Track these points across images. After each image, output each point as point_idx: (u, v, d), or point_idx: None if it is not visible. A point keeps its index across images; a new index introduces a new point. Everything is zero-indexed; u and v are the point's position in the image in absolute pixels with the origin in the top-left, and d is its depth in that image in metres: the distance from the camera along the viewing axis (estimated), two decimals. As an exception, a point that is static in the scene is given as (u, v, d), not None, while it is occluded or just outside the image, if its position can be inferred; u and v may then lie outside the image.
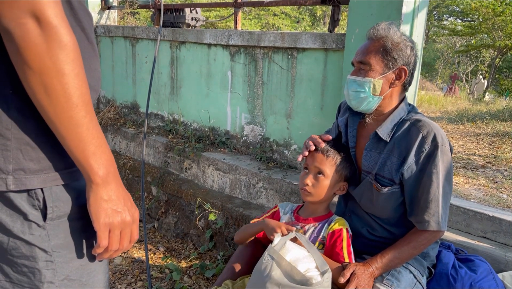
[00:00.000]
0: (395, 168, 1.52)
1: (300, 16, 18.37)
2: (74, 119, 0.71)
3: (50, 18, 0.65)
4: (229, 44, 3.19)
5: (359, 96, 1.54)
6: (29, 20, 0.64)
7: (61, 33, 0.67)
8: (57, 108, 0.69)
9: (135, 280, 2.64)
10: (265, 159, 3.05)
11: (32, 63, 0.65)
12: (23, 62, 0.66)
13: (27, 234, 0.77)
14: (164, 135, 3.75)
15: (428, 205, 1.48)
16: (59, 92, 0.68)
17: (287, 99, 2.91)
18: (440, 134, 1.48)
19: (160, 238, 3.25)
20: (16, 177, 0.74)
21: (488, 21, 14.52)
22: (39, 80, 0.67)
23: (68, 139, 0.72)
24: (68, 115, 0.70)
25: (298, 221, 1.67)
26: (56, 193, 0.79)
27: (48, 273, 0.80)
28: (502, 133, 5.22)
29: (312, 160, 1.61)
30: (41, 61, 0.66)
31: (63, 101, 0.69)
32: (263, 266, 1.39)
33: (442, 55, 23.16)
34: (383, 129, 1.56)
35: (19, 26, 0.63)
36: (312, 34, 2.70)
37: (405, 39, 1.55)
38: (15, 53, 0.66)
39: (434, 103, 9.33)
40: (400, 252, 1.49)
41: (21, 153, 0.74)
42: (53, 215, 0.78)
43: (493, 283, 1.62)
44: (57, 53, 0.67)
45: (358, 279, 1.41)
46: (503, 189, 2.88)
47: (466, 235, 2.03)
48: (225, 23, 13.00)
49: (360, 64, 1.54)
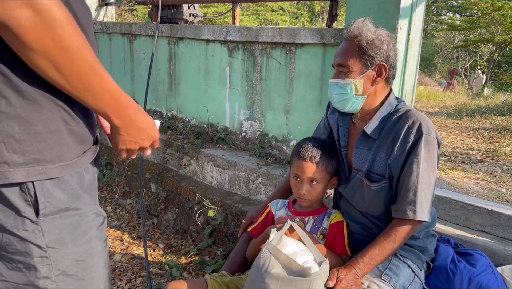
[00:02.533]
0: (384, 162, 1.52)
1: (299, 12, 18.33)
2: (87, 85, 0.77)
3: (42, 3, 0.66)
4: (227, 40, 3.18)
5: (342, 98, 1.54)
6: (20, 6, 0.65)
7: (54, 11, 0.68)
8: (70, 80, 0.74)
9: (134, 277, 2.64)
10: (264, 155, 3.05)
11: (34, 46, 0.68)
12: (25, 47, 0.68)
13: (21, 229, 0.76)
14: (163, 132, 3.74)
15: (406, 193, 1.46)
16: (68, 66, 0.72)
17: (286, 95, 2.91)
18: (426, 124, 1.47)
19: (159, 235, 3.25)
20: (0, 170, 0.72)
21: (487, 16, 14.50)
22: (46, 61, 0.70)
23: (86, 100, 0.79)
24: (82, 82, 0.76)
25: (295, 215, 1.68)
26: (48, 188, 0.78)
27: (44, 268, 0.80)
28: (501, 127, 5.23)
29: (301, 171, 1.59)
30: (42, 42, 0.68)
31: (74, 73, 0.74)
32: (261, 262, 1.39)
33: (441, 50, 23.12)
34: (371, 126, 1.56)
35: (12, 13, 0.64)
36: (310, 29, 2.69)
37: (380, 34, 1.52)
38: (15, 41, 0.67)
39: (433, 98, 9.34)
40: (380, 248, 1.46)
41: (4, 145, 0.73)
42: (45, 211, 0.78)
43: (492, 277, 1.63)
44: (55, 31, 0.68)
45: (341, 283, 1.40)
46: (502, 183, 2.88)
47: (465, 229, 2.04)
48: (223, 19, 12.97)
49: (339, 67, 1.54)
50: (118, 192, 3.84)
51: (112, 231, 3.27)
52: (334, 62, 1.58)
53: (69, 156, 0.81)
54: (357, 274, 1.44)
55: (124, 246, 3.04)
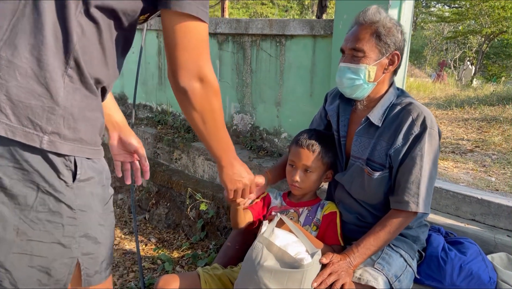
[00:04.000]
0: (385, 151, 1.52)
1: (289, 4, 18.28)
2: (216, 135, 1.13)
3: (208, 77, 0.99)
4: (216, 32, 3.15)
5: (353, 83, 1.51)
6: (196, 79, 0.97)
7: (214, 85, 1.01)
8: (208, 130, 1.09)
9: (127, 272, 2.63)
10: (255, 148, 3.04)
11: (196, 106, 1.01)
12: (191, 106, 1.01)
13: (58, 191, 0.87)
14: (153, 126, 3.72)
15: (409, 186, 1.47)
16: (211, 121, 1.07)
17: (276, 87, 2.90)
18: (430, 118, 1.48)
19: (151, 229, 3.24)
20: (52, 139, 0.85)
21: (475, 7, 14.60)
22: (199, 116, 1.04)
23: (212, 145, 1.15)
24: (214, 133, 1.11)
25: (290, 206, 1.68)
26: (87, 162, 0.92)
27: (71, 228, 0.90)
28: (490, 117, 5.27)
29: (298, 157, 1.61)
30: (202, 104, 1.02)
31: (212, 126, 1.09)
32: (254, 254, 1.39)
33: (431, 42, 23.25)
34: (375, 114, 1.55)
35: (190, 84, 0.97)
36: (300, 20, 2.68)
37: (395, 23, 1.53)
38: (186, 100, 1.00)
39: (423, 90, 9.39)
40: (376, 238, 1.47)
41: (63, 120, 0.86)
42: (81, 177, 0.90)
43: (482, 265, 1.64)
44: (211, 99, 1.03)
45: (333, 266, 1.41)
46: (491, 172, 2.91)
47: (456, 218, 2.05)
48: (212, 12, 12.88)
49: (352, 51, 1.50)
50: (109, 187, 3.81)
51: (104, 226, 3.25)
52: (345, 46, 1.53)
53: (98, 143, 0.97)
54: (351, 263, 1.45)
55: (116, 241, 3.02)
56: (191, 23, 0.94)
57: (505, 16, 13.99)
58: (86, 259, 0.95)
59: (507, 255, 1.78)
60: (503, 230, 1.94)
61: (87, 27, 0.87)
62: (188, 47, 0.95)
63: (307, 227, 1.62)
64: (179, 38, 0.94)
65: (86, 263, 0.95)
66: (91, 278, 0.97)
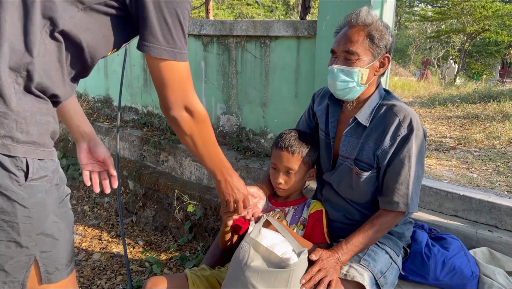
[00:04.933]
0: (373, 152, 1.54)
1: (274, 5, 18.31)
2: (208, 154, 1.25)
3: (194, 106, 1.11)
4: (201, 34, 3.16)
5: (346, 86, 1.51)
6: (183, 110, 1.09)
7: (201, 113, 1.13)
8: (200, 151, 1.22)
9: (114, 275, 2.61)
10: (242, 149, 3.05)
11: (186, 131, 1.14)
12: (182, 131, 1.14)
13: (10, 190, 0.89)
14: (139, 128, 3.70)
15: (399, 186, 1.50)
16: (201, 144, 1.20)
17: (262, 88, 2.91)
18: (416, 120, 1.51)
19: (139, 232, 3.23)
20: (4, 142, 0.88)
21: (457, 7, 14.81)
22: (190, 139, 1.17)
23: (205, 163, 1.28)
24: (205, 153, 1.24)
25: (276, 206, 1.69)
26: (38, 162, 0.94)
27: (27, 227, 0.92)
28: (472, 115, 5.37)
29: (279, 160, 1.63)
30: (191, 130, 1.14)
31: (203, 147, 1.21)
32: (241, 255, 1.40)
33: (414, 41, 23.53)
34: (362, 114, 1.57)
35: (179, 114, 1.09)
36: (284, 22, 2.70)
37: (385, 25, 1.54)
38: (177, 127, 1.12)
39: (408, 88, 9.51)
40: (364, 236, 1.50)
41: (16, 124, 0.89)
42: (33, 176, 0.92)
43: (464, 260, 1.68)
44: (199, 125, 1.15)
45: (322, 262, 1.43)
46: (473, 169, 2.97)
47: (439, 215, 2.09)
48: (197, 13, 12.84)
49: (345, 54, 1.50)
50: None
51: (90, 230, 3.23)
52: (337, 48, 1.53)
53: (50, 145, 0.99)
54: (339, 259, 1.47)
55: (103, 245, 3.00)
56: (171, 64, 1.03)
57: (486, 15, 14.23)
58: (45, 257, 0.97)
59: (488, 250, 1.82)
60: (484, 225, 1.98)
61: (50, 46, 0.92)
62: (173, 85, 1.06)
63: (294, 226, 1.63)
64: (164, 78, 1.05)
65: (44, 261, 0.97)
66: (51, 275, 1.00)
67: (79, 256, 2.83)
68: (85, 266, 2.71)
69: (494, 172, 2.92)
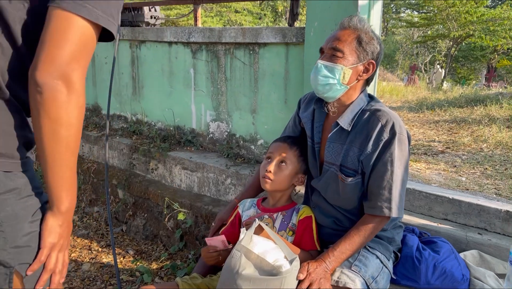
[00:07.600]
0: (357, 157, 1.55)
1: (262, 12, 18.41)
2: (65, 163, 0.90)
3: (76, 84, 0.84)
4: (190, 41, 3.16)
5: (327, 82, 1.53)
6: (59, 81, 0.81)
7: (81, 97, 0.86)
8: (56, 152, 0.87)
9: (105, 285, 2.58)
10: (232, 155, 3.05)
11: (51, 113, 0.83)
12: (43, 110, 0.82)
13: None
14: (128, 136, 3.68)
15: (382, 191, 1.50)
16: (63, 139, 0.86)
17: (251, 94, 2.92)
18: (398, 124, 1.52)
19: (129, 241, 3.19)
20: None
21: (443, 12, 15.02)
22: (51, 127, 0.84)
23: (54, 175, 0.90)
24: (62, 158, 0.89)
25: (264, 212, 1.69)
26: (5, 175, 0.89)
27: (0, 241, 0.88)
28: (460, 119, 5.43)
29: (276, 149, 1.68)
30: (58, 113, 0.83)
31: (63, 147, 0.87)
32: (232, 263, 1.39)
33: (402, 46, 23.82)
34: (344, 119, 1.58)
35: (51, 84, 0.81)
36: (273, 28, 2.71)
37: (376, 35, 1.58)
38: (39, 103, 0.82)
39: (396, 93, 9.59)
40: (351, 242, 1.51)
41: None
42: (1, 190, 0.87)
43: (455, 263, 1.69)
44: (73, 110, 0.85)
45: (311, 276, 1.42)
46: (462, 172, 3.00)
47: (429, 218, 2.10)
48: (186, 21, 12.86)
49: (332, 51, 1.53)
50: (84, 200, 3.74)
51: (80, 240, 3.18)
52: (327, 46, 1.56)
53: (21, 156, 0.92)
54: (327, 268, 1.46)
55: (93, 255, 2.96)
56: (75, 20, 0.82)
57: (471, 20, 14.46)
58: (25, 268, 0.94)
59: (478, 252, 1.84)
60: (474, 228, 2.00)
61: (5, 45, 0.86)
62: (62, 44, 0.81)
63: (283, 232, 1.63)
64: (55, 33, 0.81)
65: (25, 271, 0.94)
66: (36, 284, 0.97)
67: (68, 266, 2.79)
68: (75, 277, 2.67)
69: (482, 175, 2.95)
